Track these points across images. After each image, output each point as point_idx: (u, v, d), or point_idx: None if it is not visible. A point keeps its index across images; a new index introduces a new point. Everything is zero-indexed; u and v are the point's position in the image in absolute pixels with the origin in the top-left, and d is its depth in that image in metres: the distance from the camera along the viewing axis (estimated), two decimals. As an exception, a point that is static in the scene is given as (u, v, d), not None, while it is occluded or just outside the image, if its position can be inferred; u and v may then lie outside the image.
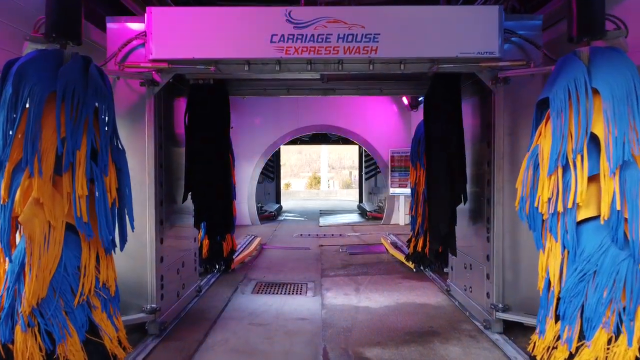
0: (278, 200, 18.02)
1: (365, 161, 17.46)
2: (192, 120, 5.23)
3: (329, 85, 5.82)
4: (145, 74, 4.38)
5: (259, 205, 15.65)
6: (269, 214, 14.75)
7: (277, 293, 6.30)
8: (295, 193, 34.20)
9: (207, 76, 5.08)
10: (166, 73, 4.47)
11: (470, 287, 5.20)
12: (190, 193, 5.33)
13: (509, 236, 4.51)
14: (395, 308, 5.58)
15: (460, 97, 4.95)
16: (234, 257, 7.62)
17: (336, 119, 13.44)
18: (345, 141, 17.31)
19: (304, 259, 8.62)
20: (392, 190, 13.31)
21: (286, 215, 16.27)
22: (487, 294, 4.67)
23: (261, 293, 6.30)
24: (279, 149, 18.09)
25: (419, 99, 12.23)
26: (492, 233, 4.59)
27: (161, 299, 4.63)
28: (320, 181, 56.94)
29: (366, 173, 17.53)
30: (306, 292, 6.32)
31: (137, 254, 4.49)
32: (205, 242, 7.12)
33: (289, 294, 6.28)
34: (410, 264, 7.48)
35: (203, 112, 5.26)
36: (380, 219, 14.08)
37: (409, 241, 7.66)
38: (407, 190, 12.89)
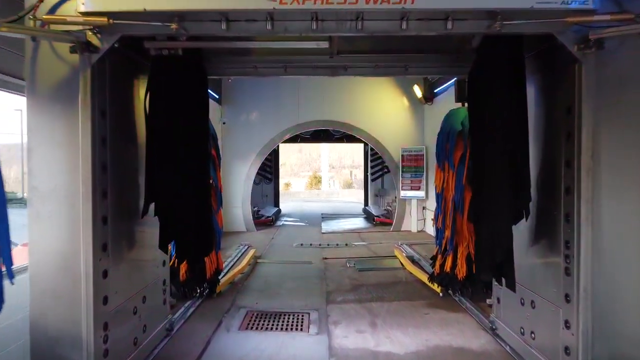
0: (277, 203, 16.65)
1: (372, 160, 16.08)
2: (155, 106, 3.84)
3: (339, 62, 4.44)
4: (76, 33, 3.00)
5: (255, 209, 14.28)
6: (266, 218, 13.38)
7: (271, 329, 4.93)
8: (295, 194, 32.85)
9: (173, 45, 3.70)
10: (108, 34, 3.10)
11: (532, 333, 3.83)
12: (153, 204, 3.94)
13: (604, 268, 3.13)
14: (428, 356, 4.21)
15: (524, 72, 3.57)
16: (220, 277, 6.25)
17: (340, 114, 12.06)
18: (350, 139, 15.91)
19: (306, 277, 7.24)
20: (402, 194, 11.93)
21: (285, 220, 14.90)
22: (566, 349, 3.30)
23: (252, 329, 4.94)
24: (278, 147, 16.73)
25: (435, 91, 10.86)
26: (573, 263, 3.22)
27: (104, 355, 3.27)
28: (320, 181, 55.69)
29: (372, 174, 16.16)
30: (308, 328, 4.96)
31: (67, 293, 3.13)
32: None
33: (286, 330, 4.91)
34: (436, 287, 6.11)
35: (171, 95, 3.87)
36: (389, 224, 12.71)
37: (434, 258, 6.29)
38: (420, 194, 11.53)
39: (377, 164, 15.92)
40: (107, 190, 3.33)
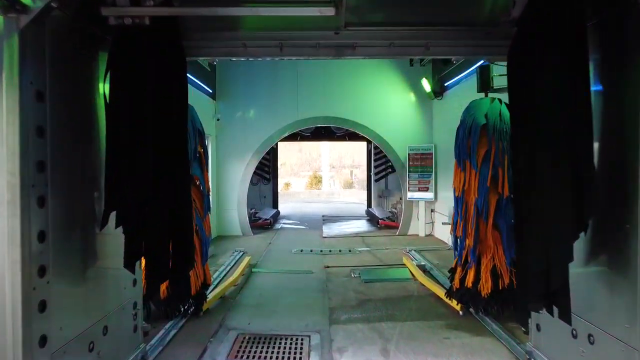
0: (275, 205, 15.86)
1: (375, 160, 15.29)
2: (117, 91, 3.06)
3: (346, 39, 3.65)
4: (-6, -15, 2.23)
5: (253, 211, 13.50)
6: (263, 221, 12.60)
7: (265, 358, 4.15)
8: (295, 194, 32.08)
9: (139, 12, 2.91)
10: (41, -12, 2.32)
11: (591, 374, 3.05)
12: (116, 214, 3.15)
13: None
14: (456, 398, 3.43)
15: (585, 47, 2.78)
16: (207, 293, 5.47)
17: (343, 110, 11.27)
18: (353, 136, 15.15)
19: (306, 290, 6.46)
20: (409, 195, 11.15)
21: (284, 223, 14.11)
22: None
23: (242, 357, 4.16)
24: (277, 145, 15.95)
25: (446, 84, 10.07)
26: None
27: (42, 413, 2.49)
28: (321, 180, 54.98)
29: (376, 174, 15.36)
30: (309, 356, 4.18)
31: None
32: (165, 274, 4.96)
33: (283, 359, 4.13)
34: (455, 304, 5.33)
35: (138, 79, 3.08)
36: (395, 228, 11.93)
37: (452, 271, 5.50)
38: (428, 195, 10.75)
39: (380, 164, 15.14)
40: (45, 196, 2.55)
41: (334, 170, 55.43)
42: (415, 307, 5.65)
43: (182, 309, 5.13)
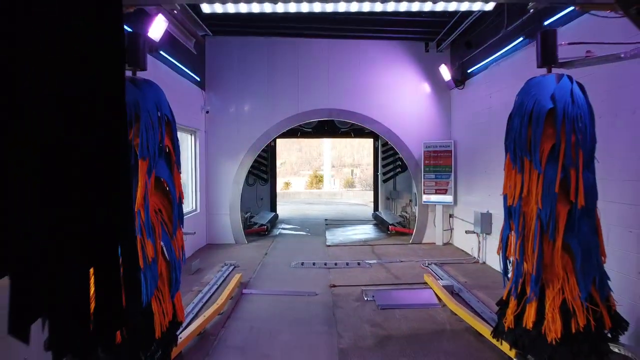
0: (273, 208, 14.55)
1: (383, 158, 13.97)
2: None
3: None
4: None
5: (248, 215, 12.20)
6: (259, 227, 11.28)
7: None
8: (295, 194, 30.79)
9: None
10: None
11: None
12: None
13: None
14: None
15: None
16: (178, 334, 4.16)
17: (349, 102, 9.96)
18: (358, 133, 13.87)
19: (308, 322, 5.15)
20: (425, 198, 9.83)
21: (283, 228, 12.79)
22: None
23: None
24: (275, 142, 14.66)
25: (469, 71, 8.75)
26: None
27: None
28: (321, 180, 53.78)
29: (384, 174, 14.04)
30: None
31: None
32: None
33: None
34: (508, 349, 4.02)
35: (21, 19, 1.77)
36: (407, 235, 10.62)
37: (502, 304, 4.18)
38: (446, 198, 9.44)
39: (389, 162, 13.83)
40: None
41: (334, 170, 54.23)
42: (451, 349, 4.34)
43: (144, 358, 3.82)
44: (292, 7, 4.60)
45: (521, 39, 6.49)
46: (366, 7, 5.10)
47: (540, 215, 3.72)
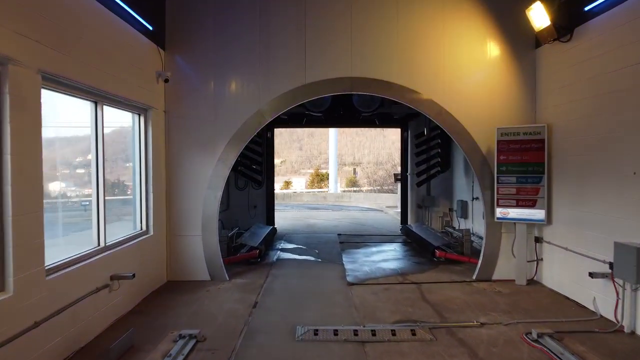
0: (270, 219, 11.22)
1: (417, 153, 10.59)
2: None
3: None
4: None
5: (235, 231, 8.88)
6: (249, 252, 7.90)
7: None
8: (296, 196, 27.44)
9: None
10: None
11: None
12: None
13: None
14: None
15: None
16: None
17: (381, 68, 6.62)
18: (386, 119, 10.50)
19: None
20: (500, 213, 6.47)
21: (282, 249, 9.40)
22: None
23: None
24: (272, 133, 11.36)
25: (587, 9, 5.36)
26: None
27: None
28: (323, 178, 50.54)
29: (418, 174, 10.66)
30: None
31: None
32: None
33: None
34: None
35: None
36: (463, 264, 7.29)
37: None
38: (535, 213, 6.16)
39: (424, 160, 10.48)
40: None
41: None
42: None
43: None
44: None
45: None
46: None
47: None
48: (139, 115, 5.99)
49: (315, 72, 6.61)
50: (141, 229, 5.99)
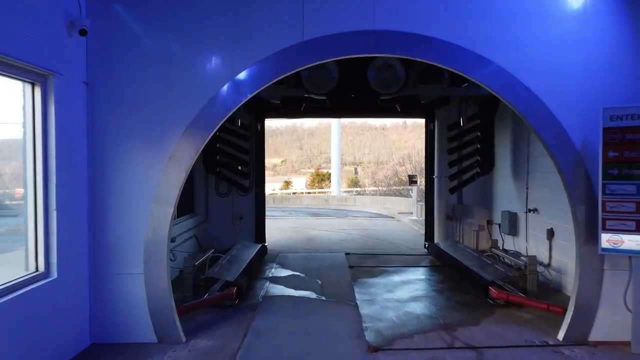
0: (259, 235, 8.90)
1: (450, 150, 8.26)
2: None
3: None
4: None
5: (205, 258, 6.61)
6: (222, 290, 5.50)
7: None
8: (296, 199, 25.17)
9: None
10: None
11: None
12: None
13: None
14: None
15: None
16: None
17: (416, 15, 4.33)
18: (409, 106, 8.24)
19: None
20: (607, 240, 4.15)
21: (272, 278, 7.03)
22: None
23: None
24: (262, 123, 9.13)
25: None
26: None
27: None
28: (324, 178, 48.28)
29: (451, 177, 8.33)
30: None
31: None
32: None
33: None
34: None
35: None
36: (535, 310, 5.00)
37: None
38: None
39: (457, 159, 8.17)
40: None
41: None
42: None
43: None
44: None
45: None
46: None
47: None
48: (32, 85, 3.68)
49: (320, 21, 4.31)
50: (35, 270, 3.68)
